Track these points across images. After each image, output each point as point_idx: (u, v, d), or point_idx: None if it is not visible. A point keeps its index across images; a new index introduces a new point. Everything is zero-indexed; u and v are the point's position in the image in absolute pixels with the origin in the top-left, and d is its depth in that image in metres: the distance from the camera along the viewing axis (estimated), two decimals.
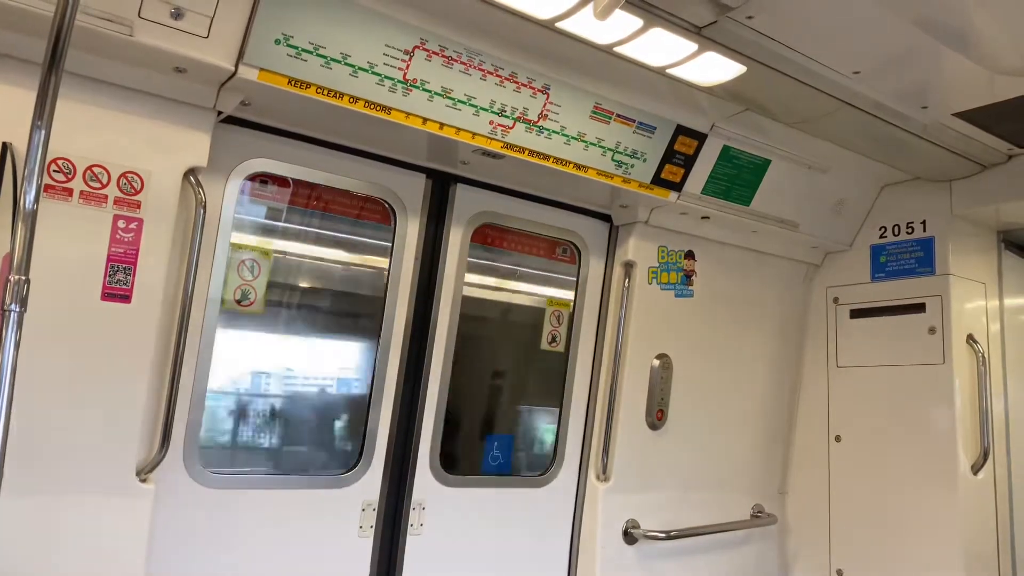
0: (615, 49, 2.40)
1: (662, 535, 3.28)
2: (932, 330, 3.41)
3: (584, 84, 2.69)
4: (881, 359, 3.59)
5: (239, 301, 2.60)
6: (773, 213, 3.46)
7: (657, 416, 3.35)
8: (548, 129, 2.71)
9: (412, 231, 2.89)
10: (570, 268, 3.37)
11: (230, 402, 2.71)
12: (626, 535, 3.27)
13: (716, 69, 2.50)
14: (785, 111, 2.89)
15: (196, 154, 2.29)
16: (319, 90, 2.28)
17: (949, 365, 3.35)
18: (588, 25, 2.25)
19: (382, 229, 2.88)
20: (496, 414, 3.45)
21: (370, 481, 2.79)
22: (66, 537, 2.10)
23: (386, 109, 2.41)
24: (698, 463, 3.55)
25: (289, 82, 2.23)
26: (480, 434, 3.34)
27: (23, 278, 1.54)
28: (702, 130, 3.02)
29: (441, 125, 2.52)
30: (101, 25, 1.93)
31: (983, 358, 3.39)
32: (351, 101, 2.34)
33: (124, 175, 2.16)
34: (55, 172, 2.06)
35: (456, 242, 2.99)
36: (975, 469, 3.33)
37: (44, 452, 2.07)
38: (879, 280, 3.67)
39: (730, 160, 3.17)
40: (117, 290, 2.15)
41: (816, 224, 3.63)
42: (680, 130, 2.97)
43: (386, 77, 2.36)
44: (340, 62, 2.28)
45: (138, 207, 2.18)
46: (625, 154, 2.91)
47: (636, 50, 2.40)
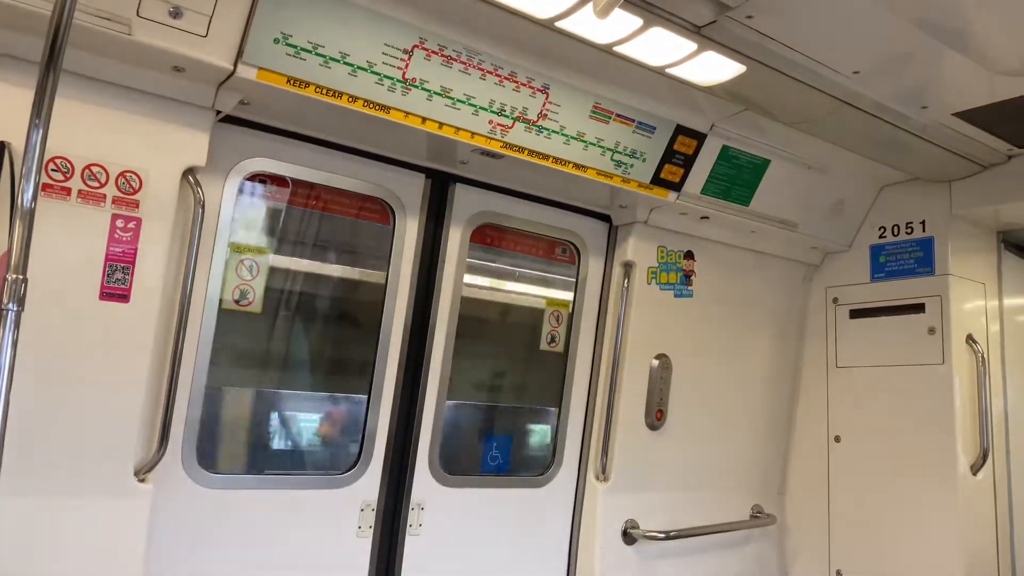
0: (614, 49, 2.40)
1: (661, 535, 3.28)
2: (931, 330, 3.41)
3: (583, 84, 2.69)
4: (880, 359, 3.59)
5: (238, 301, 2.60)
6: (772, 213, 3.46)
7: (656, 416, 3.35)
8: (547, 129, 2.71)
9: (411, 231, 2.89)
10: (568, 268, 3.36)
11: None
12: (625, 535, 3.26)
13: (715, 69, 2.50)
14: (784, 111, 2.89)
15: (195, 153, 2.28)
16: (318, 89, 2.28)
17: (948, 365, 3.35)
18: (587, 24, 2.25)
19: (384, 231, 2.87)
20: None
21: (369, 481, 2.79)
22: (64, 537, 2.10)
23: (385, 108, 2.40)
24: (697, 463, 3.55)
25: (288, 81, 2.23)
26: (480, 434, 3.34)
27: (21, 277, 1.53)
28: (701, 130, 3.02)
29: (440, 125, 2.52)
30: (99, 24, 1.92)
31: (982, 358, 3.39)
32: (350, 100, 2.34)
33: (122, 174, 2.16)
34: (53, 171, 2.05)
35: (455, 242, 2.99)
36: (974, 469, 3.33)
37: (42, 452, 2.06)
38: (878, 280, 3.67)
39: (729, 160, 3.16)
40: (115, 289, 2.15)
41: (815, 224, 3.63)
42: (679, 130, 2.96)
43: (385, 76, 2.36)
44: (339, 61, 2.27)
45: (136, 206, 2.18)
46: (624, 154, 2.91)
47: (635, 49, 2.40)
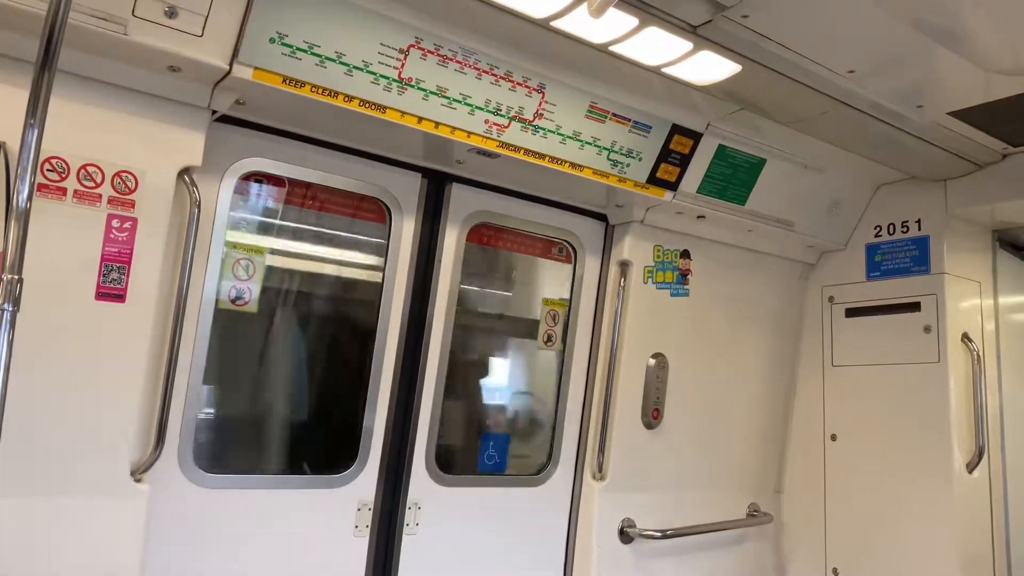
0: (610, 48, 2.40)
1: (658, 534, 3.29)
2: (927, 329, 3.42)
3: (579, 83, 2.69)
4: (876, 358, 3.59)
5: (234, 300, 2.60)
6: (768, 212, 3.46)
7: (653, 415, 3.35)
8: (543, 128, 2.71)
9: (407, 230, 2.89)
10: (563, 267, 3.37)
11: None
12: (622, 534, 3.27)
13: (711, 68, 2.50)
14: (780, 110, 2.89)
15: (190, 153, 2.28)
16: (314, 89, 2.28)
17: (944, 364, 3.35)
18: (583, 24, 2.25)
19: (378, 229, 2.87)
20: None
21: (365, 481, 2.79)
22: (60, 537, 2.09)
23: (381, 108, 2.40)
24: (694, 462, 3.55)
25: (284, 81, 2.23)
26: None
27: (16, 277, 1.53)
28: (697, 129, 3.02)
29: (436, 124, 2.52)
30: (94, 23, 1.92)
31: (978, 357, 3.40)
32: (346, 100, 2.34)
33: (118, 174, 2.16)
34: (48, 171, 2.05)
35: (452, 241, 2.99)
36: (970, 467, 3.33)
37: (38, 452, 2.06)
38: (874, 279, 3.68)
39: (726, 159, 3.17)
40: (111, 289, 2.15)
41: (811, 223, 3.63)
42: (675, 129, 2.97)
43: (381, 76, 2.36)
44: (335, 61, 2.27)
45: (132, 206, 2.17)
46: (621, 153, 2.91)
47: (631, 49, 2.40)
